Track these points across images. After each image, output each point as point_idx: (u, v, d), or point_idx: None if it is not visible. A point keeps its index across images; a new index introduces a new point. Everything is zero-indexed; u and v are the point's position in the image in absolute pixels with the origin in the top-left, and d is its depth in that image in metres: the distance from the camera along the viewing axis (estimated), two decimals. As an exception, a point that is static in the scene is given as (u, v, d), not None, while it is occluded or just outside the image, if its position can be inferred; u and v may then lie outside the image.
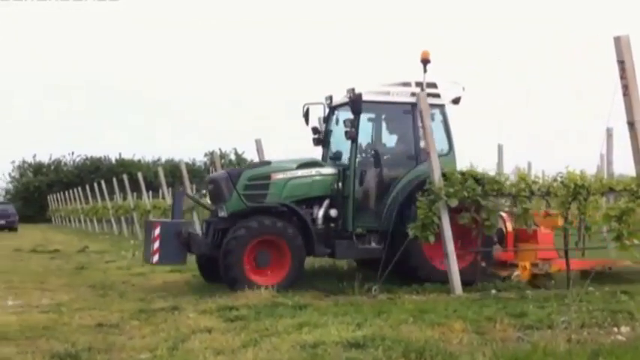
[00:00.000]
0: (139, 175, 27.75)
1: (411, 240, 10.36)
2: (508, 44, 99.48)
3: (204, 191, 13.31)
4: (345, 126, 11.23)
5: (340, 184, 11.31)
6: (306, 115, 12.11)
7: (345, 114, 11.65)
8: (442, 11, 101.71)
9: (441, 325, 7.43)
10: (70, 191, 46.07)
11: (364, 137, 11.81)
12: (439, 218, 10.12)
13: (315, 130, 12.27)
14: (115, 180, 32.85)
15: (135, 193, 29.85)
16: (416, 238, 10.26)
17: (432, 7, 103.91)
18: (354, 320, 7.69)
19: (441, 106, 11.85)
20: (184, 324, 7.86)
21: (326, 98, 12.30)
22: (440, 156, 11.13)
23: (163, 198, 26.15)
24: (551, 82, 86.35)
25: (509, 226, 11.91)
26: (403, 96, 11.63)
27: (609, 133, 13.11)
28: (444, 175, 10.37)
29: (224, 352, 6.47)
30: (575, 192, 10.30)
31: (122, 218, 32.22)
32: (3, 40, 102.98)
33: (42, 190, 60.94)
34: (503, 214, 11.92)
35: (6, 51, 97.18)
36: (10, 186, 66.68)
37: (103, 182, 35.45)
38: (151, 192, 28.71)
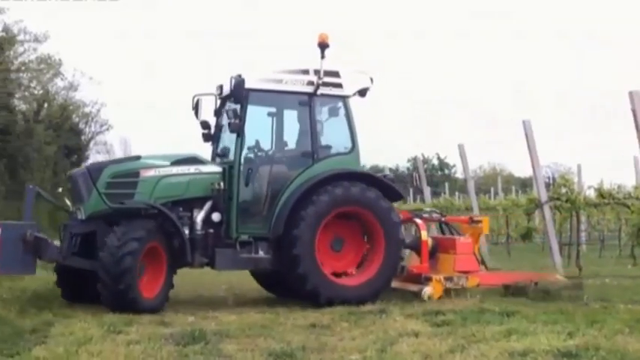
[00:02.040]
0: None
1: (302, 248, 9.68)
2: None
3: (60, 189, 11.21)
4: (228, 117, 10.01)
5: (223, 184, 9.98)
6: (195, 108, 10.91)
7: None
8: None
9: (662, 338, 6.98)
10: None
11: (254, 131, 10.43)
12: None
13: (204, 125, 10.86)
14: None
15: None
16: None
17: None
18: (564, 329, 7.41)
19: (344, 98, 10.65)
20: (392, 327, 8.01)
21: (217, 88, 10.86)
22: (342, 154, 10.49)
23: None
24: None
25: (424, 235, 10.73)
26: (299, 85, 10.35)
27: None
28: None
29: (431, 356, 6.50)
30: None
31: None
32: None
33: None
34: (419, 221, 10.86)
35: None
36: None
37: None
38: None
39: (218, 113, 10.92)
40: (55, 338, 7.29)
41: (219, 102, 10.88)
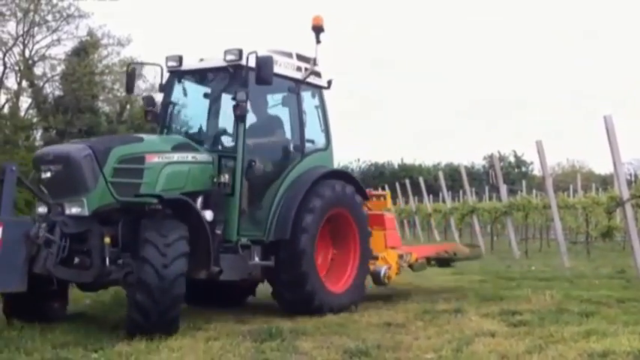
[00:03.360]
0: (420, 180, 28.38)
1: (305, 257, 8.66)
2: None
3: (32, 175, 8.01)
4: (236, 98, 8.37)
5: (223, 177, 8.41)
6: (130, 77, 9.37)
7: (212, 83, 9.14)
8: None
9: None
10: (356, 196, 48.19)
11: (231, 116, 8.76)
12: None
13: (149, 101, 9.39)
14: (397, 184, 33.91)
15: (416, 197, 30.60)
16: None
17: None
18: (646, 330, 7.25)
19: (320, 89, 9.70)
20: (467, 326, 7.96)
21: (169, 59, 9.22)
22: (320, 150, 9.62)
23: (444, 201, 26.47)
24: None
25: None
26: (290, 69, 9.24)
27: None
28: None
29: (508, 356, 6.44)
30: None
31: (404, 221, 33.18)
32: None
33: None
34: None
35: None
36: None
37: (386, 187, 36.74)
38: (431, 195, 29.23)
39: (169, 88, 9.29)
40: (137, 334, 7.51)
41: (167, 75, 9.30)
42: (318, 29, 9.13)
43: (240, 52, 8.57)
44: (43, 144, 40.23)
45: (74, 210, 7.51)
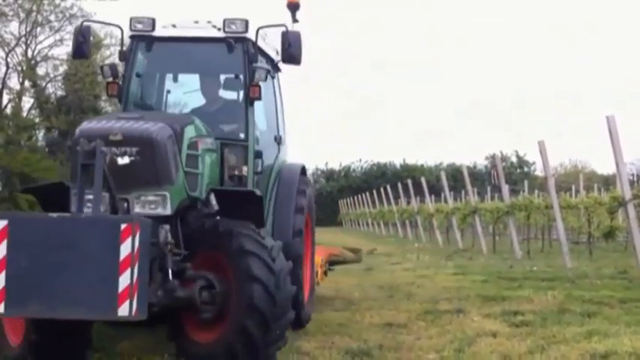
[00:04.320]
0: (422, 180, 28.37)
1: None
2: None
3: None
4: (253, 78, 7.11)
5: (236, 169, 7.14)
6: (79, 38, 7.30)
7: (198, 56, 7.63)
8: None
9: None
10: (358, 196, 48.33)
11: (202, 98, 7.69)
12: None
13: (111, 71, 7.45)
14: (399, 185, 33.89)
15: (418, 197, 30.59)
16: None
17: None
18: (648, 331, 7.25)
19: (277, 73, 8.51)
20: (469, 327, 7.97)
21: (136, 21, 7.44)
22: (282, 143, 8.41)
23: (446, 202, 26.45)
24: None
25: None
26: (270, 49, 7.97)
27: None
28: None
29: (510, 357, 6.46)
30: None
31: (407, 222, 33.19)
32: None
33: (333, 195, 64.70)
34: None
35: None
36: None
37: (388, 187, 36.77)
38: (433, 196, 29.22)
39: (128, 57, 7.51)
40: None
41: (132, 41, 7.54)
42: (294, 6, 8.00)
43: (247, 23, 7.30)
44: (45, 144, 40.34)
45: (151, 208, 5.89)
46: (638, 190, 13.31)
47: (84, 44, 7.32)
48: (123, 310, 4.85)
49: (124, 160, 5.82)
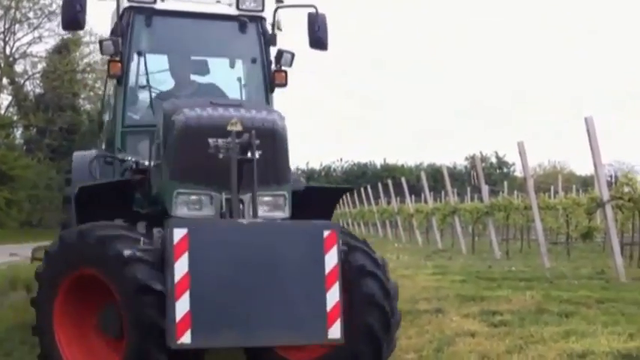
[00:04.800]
0: (403, 180, 28.45)
1: None
2: None
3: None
4: (279, 62, 6.59)
5: None
6: (75, 7, 6.25)
7: (207, 33, 6.92)
8: None
9: None
10: (338, 196, 48.27)
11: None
12: None
13: (114, 47, 6.29)
14: (379, 184, 33.97)
15: (398, 197, 30.67)
16: None
17: None
18: (625, 330, 7.25)
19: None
20: (448, 327, 7.98)
21: None
22: None
23: (426, 202, 26.54)
24: None
25: None
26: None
27: None
28: None
29: (489, 356, 6.49)
30: None
31: (387, 222, 33.27)
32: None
33: (313, 195, 64.60)
34: None
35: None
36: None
37: (369, 187, 36.83)
38: (413, 196, 29.31)
39: (125, 32, 6.54)
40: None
41: (129, 12, 6.60)
42: None
43: (263, 0, 6.68)
44: (23, 142, 39.98)
45: (269, 210, 5.18)
46: (616, 191, 13.45)
47: (80, 13, 6.28)
48: (333, 333, 4.23)
49: (248, 155, 4.93)
